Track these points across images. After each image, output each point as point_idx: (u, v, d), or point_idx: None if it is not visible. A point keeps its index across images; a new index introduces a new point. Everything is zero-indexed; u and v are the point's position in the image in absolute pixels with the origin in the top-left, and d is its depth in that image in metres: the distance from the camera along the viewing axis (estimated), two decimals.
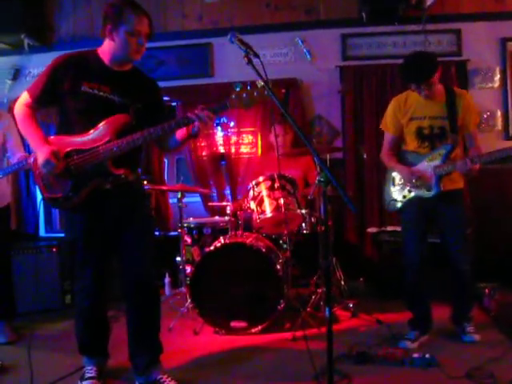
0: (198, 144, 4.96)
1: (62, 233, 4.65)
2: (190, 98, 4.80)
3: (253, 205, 3.73)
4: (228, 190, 4.48)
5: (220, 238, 3.71)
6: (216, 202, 4.72)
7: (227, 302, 3.42)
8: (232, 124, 4.91)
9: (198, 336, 3.42)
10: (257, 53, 2.13)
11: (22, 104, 2.50)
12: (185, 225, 4.13)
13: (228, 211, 3.93)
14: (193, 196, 4.90)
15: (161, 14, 4.92)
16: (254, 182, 3.79)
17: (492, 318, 3.48)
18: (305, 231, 3.78)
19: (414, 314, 3.17)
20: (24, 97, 2.50)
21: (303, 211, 3.70)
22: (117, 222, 2.53)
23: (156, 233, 4.61)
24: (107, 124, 2.41)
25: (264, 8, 4.89)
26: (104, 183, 2.45)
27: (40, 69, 4.45)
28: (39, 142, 2.43)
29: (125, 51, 2.41)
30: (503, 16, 4.61)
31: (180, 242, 4.07)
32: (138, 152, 2.60)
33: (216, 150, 4.95)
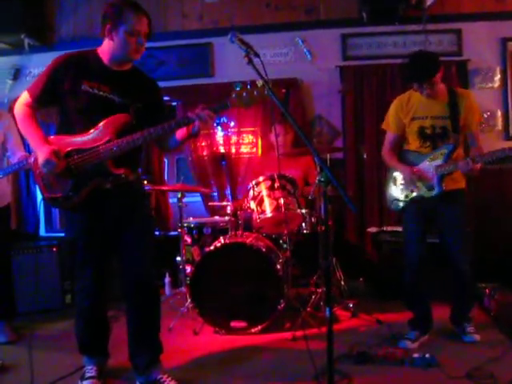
0: (199, 144, 4.96)
1: (62, 232, 4.65)
2: (191, 98, 4.79)
3: (253, 205, 3.72)
4: (228, 190, 4.48)
5: (220, 238, 3.71)
6: (217, 202, 4.73)
7: (227, 302, 3.41)
8: (232, 124, 4.91)
9: (198, 336, 3.42)
10: (257, 52, 2.13)
11: (22, 104, 2.50)
12: (185, 225, 4.13)
13: (228, 211, 3.93)
14: (193, 196, 4.91)
15: (161, 14, 4.92)
16: (254, 182, 3.79)
17: (492, 318, 3.48)
18: (305, 231, 3.78)
19: (414, 314, 3.17)
20: (24, 96, 2.50)
21: (303, 211, 3.70)
22: (117, 222, 2.53)
23: (156, 233, 4.60)
24: (107, 124, 2.41)
25: (264, 8, 4.89)
26: (104, 183, 2.44)
27: (40, 69, 4.43)
28: (39, 142, 2.43)
29: (124, 51, 2.41)
30: (503, 16, 4.60)
31: (180, 242, 4.07)
32: (138, 152, 2.60)
33: (216, 150, 4.94)
